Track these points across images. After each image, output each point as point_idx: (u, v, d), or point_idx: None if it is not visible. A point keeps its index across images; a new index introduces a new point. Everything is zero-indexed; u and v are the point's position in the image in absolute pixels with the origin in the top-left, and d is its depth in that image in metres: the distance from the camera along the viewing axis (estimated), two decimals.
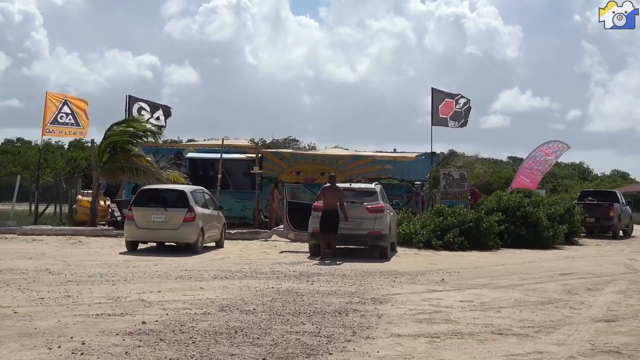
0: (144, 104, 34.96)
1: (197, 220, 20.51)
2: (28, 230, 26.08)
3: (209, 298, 12.05)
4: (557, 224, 26.77)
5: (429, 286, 14.41)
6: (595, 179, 74.05)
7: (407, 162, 33.25)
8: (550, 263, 20.12)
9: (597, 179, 73.88)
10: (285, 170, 31.09)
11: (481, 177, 38.33)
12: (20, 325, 9.35)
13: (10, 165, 53.90)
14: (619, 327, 10.31)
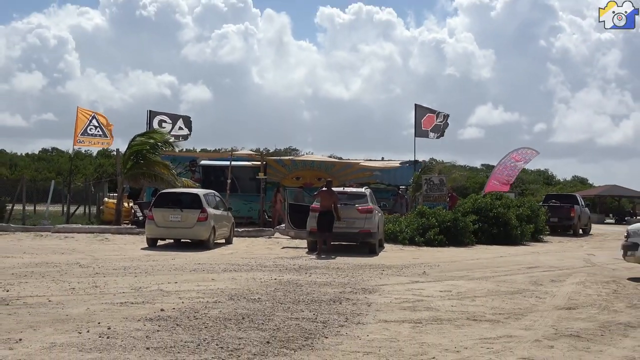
0: (164, 116, 35.04)
1: (209, 220, 20.53)
2: (61, 229, 26.05)
3: (220, 288, 12.05)
4: (525, 224, 26.84)
5: (412, 278, 14.41)
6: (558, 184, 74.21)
7: (393, 169, 33.28)
8: (518, 258, 20.13)
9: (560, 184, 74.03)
10: (286, 176, 31.08)
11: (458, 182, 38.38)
12: (53, 312, 9.35)
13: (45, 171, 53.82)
14: (579, 314, 10.33)
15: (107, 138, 32.45)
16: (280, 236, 24.99)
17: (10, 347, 7.29)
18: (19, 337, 7.76)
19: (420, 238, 23.51)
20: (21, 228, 26.60)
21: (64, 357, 6.92)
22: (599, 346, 8.12)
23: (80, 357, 6.95)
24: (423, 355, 7.40)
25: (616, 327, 9.32)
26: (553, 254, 21.96)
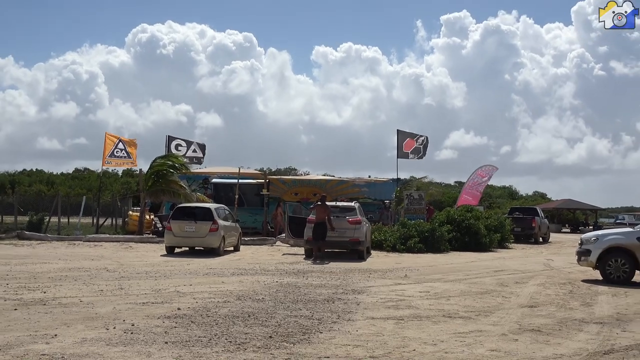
0: (181, 141, 35.12)
1: (219, 230, 20.49)
2: (91, 238, 25.99)
3: (229, 290, 12.01)
4: (492, 233, 26.81)
5: (395, 280, 14.38)
6: (521, 198, 74.34)
7: (379, 185, 33.31)
8: (487, 263, 20.10)
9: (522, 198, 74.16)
10: (286, 192, 31.02)
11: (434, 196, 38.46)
12: (84, 311, 9.33)
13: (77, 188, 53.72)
14: (540, 312, 10.34)
15: (131, 159, 32.47)
16: (281, 244, 24.94)
17: (47, 341, 7.28)
18: (55, 332, 7.75)
19: (402, 246, 23.44)
20: (57, 238, 26.53)
21: (94, 350, 6.90)
22: (557, 339, 8.13)
23: (108, 350, 6.94)
24: (405, 348, 7.40)
25: (572, 323, 9.32)
26: (517, 259, 21.95)
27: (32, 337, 7.48)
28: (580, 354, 7.34)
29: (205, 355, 6.80)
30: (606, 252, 14.69)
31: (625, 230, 16.09)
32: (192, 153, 34.98)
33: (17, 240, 25.34)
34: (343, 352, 7.13)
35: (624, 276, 14.46)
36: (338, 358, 6.86)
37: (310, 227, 19.69)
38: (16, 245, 23.50)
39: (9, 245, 23.47)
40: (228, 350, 7.05)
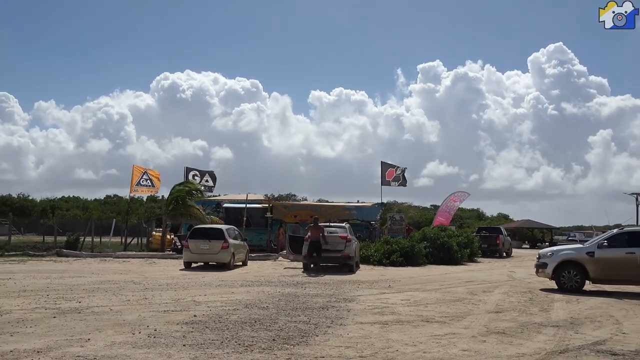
0: (196, 171, 35.11)
1: (230, 248, 20.44)
2: (120, 255, 25.94)
3: (238, 299, 11.95)
4: (463, 248, 26.75)
5: (380, 290, 14.32)
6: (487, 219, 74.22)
7: (366, 209, 33.25)
8: (459, 274, 20.06)
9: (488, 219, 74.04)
10: (287, 214, 31.00)
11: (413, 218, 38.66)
12: (114, 318, 9.27)
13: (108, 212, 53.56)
14: (504, 317, 10.30)
15: (155, 187, 32.52)
16: (282, 260, 24.85)
17: (81, 345, 7.23)
18: (88, 337, 7.70)
19: (386, 260, 23.39)
20: (90, 255, 26.42)
21: (122, 352, 6.85)
22: (519, 340, 8.11)
23: (134, 352, 6.89)
24: (389, 349, 7.36)
25: (532, 326, 9.30)
26: (484, 271, 21.90)
27: (69, 341, 7.44)
28: (539, 353, 7.31)
29: (218, 356, 6.76)
30: (560, 265, 14.71)
31: (576, 246, 16.11)
32: (206, 182, 35.01)
33: (56, 257, 25.28)
34: (336, 352, 7.10)
35: (576, 285, 14.46)
36: (332, 358, 6.83)
37: (307, 244, 19.74)
38: (55, 261, 23.41)
39: (50, 261, 23.38)
40: (237, 352, 7.01)
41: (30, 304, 10.84)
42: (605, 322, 9.86)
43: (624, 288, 14.89)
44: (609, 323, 9.80)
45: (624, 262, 14.15)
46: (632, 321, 10.06)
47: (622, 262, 14.17)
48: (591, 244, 14.94)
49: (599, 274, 14.41)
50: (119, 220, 35.88)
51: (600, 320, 10.11)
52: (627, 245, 14.30)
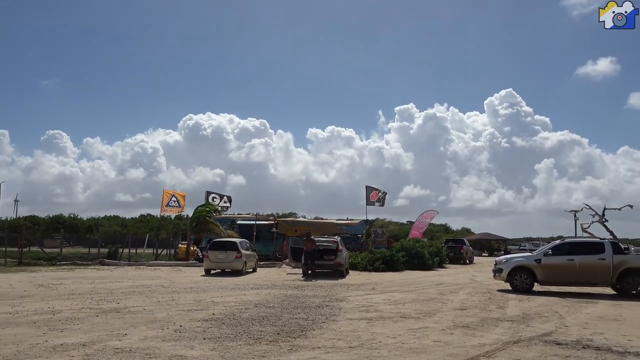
0: (215, 194, 34.98)
1: (242, 257, 20.32)
2: (152, 264, 25.73)
3: (249, 300, 11.86)
4: (434, 257, 26.59)
5: (366, 292, 14.23)
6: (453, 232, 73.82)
7: (354, 225, 33.09)
8: (430, 278, 19.96)
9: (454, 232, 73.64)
10: (289, 229, 30.75)
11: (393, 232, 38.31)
12: (146, 316, 9.18)
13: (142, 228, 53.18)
14: (468, 313, 10.24)
15: (181, 208, 32.41)
16: (285, 267, 24.70)
17: (119, 339, 7.17)
18: (125, 332, 7.63)
19: (370, 267, 23.22)
20: (127, 263, 26.19)
21: (153, 345, 6.79)
22: (481, 332, 8.06)
23: (163, 344, 6.83)
24: (373, 340, 7.31)
25: (491, 321, 9.25)
26: (451, 276, 21.81)
27: (109, 336, 7.36)
28: (497, 343, 7.27)
29: (232, 348, 6.70)
30: (513, 270, 14.69)
31: (526, 255, 16.09)
32: (224, 203, 34.87)
33: (99, 266, 25.06)
34: (330, 344, 7.04)
35: (527, 287, 14.42)
36: (326, 348, 6.77)
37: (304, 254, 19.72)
38: (98, 269, 23.20)
39: (94, 269, 23.17)
40: (248, 344, 6.94)
41: (78, 305, 10.74)
42: (551, 317, 9.82)
43: (566, 289, 14.84)
44: (554, 318, 9.76)
45: (565, 267, 14.15)
46: (573, 316, 10.03)
47: (563, 267, 14.17)
48: (538, 253, 14.94)
49: (545, 277, 14.39)
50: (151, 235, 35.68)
51: (547, 315, 10.07)
52: (568, 254, 14.31)
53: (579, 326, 8.83)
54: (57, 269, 22.76)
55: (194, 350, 6.56)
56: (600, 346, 7.18)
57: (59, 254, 28.50)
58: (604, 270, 13.84)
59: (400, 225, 68.93)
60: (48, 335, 7.42)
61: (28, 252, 30.31)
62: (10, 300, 11.37)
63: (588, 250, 14.24)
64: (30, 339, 7.15)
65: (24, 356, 6.17)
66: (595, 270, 13.90)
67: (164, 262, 27.16)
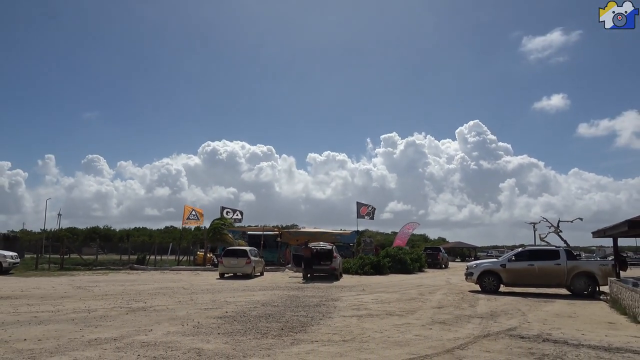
0: (229, 209, 34.82)
1: (251, 263, 20.13)
2: (174, 268, 25.47)
3: (257, 299, 11.73)
4: (415, 262, 26.46)
5: (357, 292, 14.10)
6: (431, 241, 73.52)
7: (346, 235, 32.95)
8: (412, 281, 19.81)
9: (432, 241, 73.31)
10: (291, 239, 30.61)
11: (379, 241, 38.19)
12: (169, 314, 9.06)
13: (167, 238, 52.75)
14: (444, 311, 10.13)
15: (199, 221, 32.23)
16: (288, 271, 24.52)
17: (145, 334, 7.05)
18: (151, 328, 7.51)
19: (361, 271, 23.07)
20: (153, 268, 25.94)
21: (175, 339, 6.68)
22: (455, 328, 7.96)
23: (183, 339, 6.72)
24: (363, 335, 7.21)
25: (464, 317, 9.15)
26: (429, 279, 21.63)
27: (137, 331, 7.25)
28: (469, 337, 7.18)
29: (243, 341, 6.60)
30: (482, 273, 14.59)
31: (493, 260, 15.99)
32: (236, 217, 34.70)
33: (129, 270, 24.80)
34: (326, 338, 6.94)
35: (494, 288, 14.31)
36: (323, 342, 6.67)
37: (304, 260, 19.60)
38: (129, 273, 22.95)
39: (125, 273, 22.92)
40: (256, 338, 6.84)
41: (110, 304, 10.60)
42: (515, 314, 9.73)
43: (527, 290, 14.74)
44: (518, 315, 9.66)
45: (527, 271, 14.07)
46: (534, 313, 9.93)
47: (525, 271, 14.09)
48: (503, 259, 14.87)
49: (509, 280, 14.30)
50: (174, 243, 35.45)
51: (512, 313, 9.97)
52: (528, 259, 14.25)
53: (539, 322, 8.74)
54: (93, 273, 22.52)
55: (210, 343, 6.46)
56: (558, 339, 7.10)
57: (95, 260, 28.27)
58: (560, 273, 13.78)
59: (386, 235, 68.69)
60: (84, 331, 7.31)
61: (68, 258, 30.02)
62: (52, 300, 11.23)
63: (546, 257, 14.19)
64: (69, 334, 7.04)
65: (63, 349, 6.06)
66: (552, 274, 13.84)
67: (184, 267, 26.90)
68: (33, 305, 10.26)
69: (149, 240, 50.53)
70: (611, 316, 9.66)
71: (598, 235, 12.72)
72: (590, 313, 10.14)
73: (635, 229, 9.77)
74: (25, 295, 12.50)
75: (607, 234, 11.91)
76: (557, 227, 27.02)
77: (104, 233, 63.75)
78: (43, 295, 12.35)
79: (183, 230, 40.86)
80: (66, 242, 31.56)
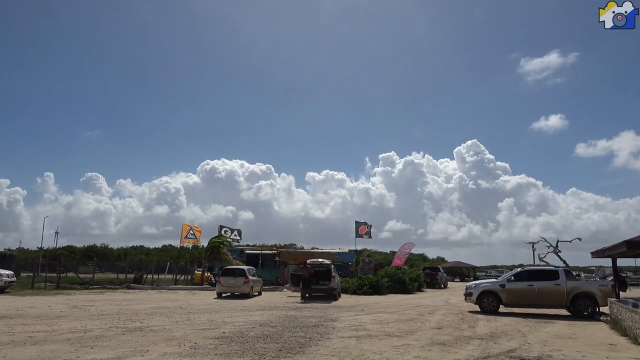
0: (227, 228, 34.68)
1: (249, 282, 20.00)
2: (171, 288, 25.20)
3: (255, 319, 11.58)
4: (413, 282, 26.22)
5: (356, 312, 13.95)
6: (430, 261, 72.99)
7: (345, 254, 32.80)
8: (411, 301, 19.62)
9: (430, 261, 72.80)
10: (290, 258, 30.43)
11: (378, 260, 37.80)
12: (166, 335, 8.94)
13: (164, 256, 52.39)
14: (444, 332, 10.02)
15: (197, 239, 32.08)
16: (286, 291, 24.27)
17: (142, 355, 6.96)
18: (147, 349, 7.41)
19: (359, 291, 22.84)
20: (150, 287, 25.64)
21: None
22: (455, 349, 7.87)
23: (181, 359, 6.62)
24: (362, 356, 7.12)
25: (463, 339, 9.04)
26: (428, 299, 21.43)
27: (133, 352, 7.15)
28: (469, 358, 7.09)
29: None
30: (482, 294, 14.50)
31: (492, 280, 15.91)
32: (234, 236, 34.53)
33: (126, 290, 24.53)
34: (324, 359, 6.85)
35: (493, 308, 14.20)
36: None
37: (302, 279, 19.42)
38: (125, 292, 22.71)
39: (121, 292, 22.68)
40: (253, 358, 6.74)
41: (106, 324, 10.47)
42: (515, 335, 9.63)
43: (527, 310, 14.62)
44: (518, 336, 9.57)
45: (526, 292, 13.98)
46: (535, 334, 9.83)
47: (524, 291, 14.00)
48: (503, 279, 14.79)
49: (509, 300, 14.19)
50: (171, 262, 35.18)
51: (512, 334, 9.87)
52: (528, 280, 14.17)
53: (539, 343, 8.65)
54: (89, 292, 22.27)
55: None
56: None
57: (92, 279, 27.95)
58: (559, 294, 13.69)
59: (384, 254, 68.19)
60: (80, 351, 7.21)
61: (65, 277, 29.73)
62: (48, 320, 11.09)
63: (545, 277, 14.12)
64: (64, 354, 6.94)
65: None
66: (552, 294, 13.74)
67: (182, 286, 26.63)
68: (28, 325, 10.12)
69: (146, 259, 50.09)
70: (612, 337, 9.57)
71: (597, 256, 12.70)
72: (590, 334, 10.04)
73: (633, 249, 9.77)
74: (21, 314, 12.35)
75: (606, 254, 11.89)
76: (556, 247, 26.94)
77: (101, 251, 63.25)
78: (39, 315, 12.20)
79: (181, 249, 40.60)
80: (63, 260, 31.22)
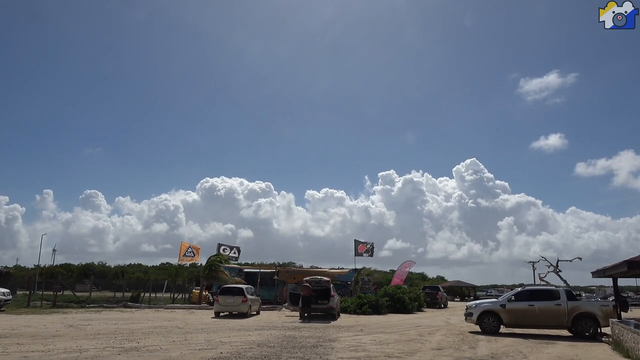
0: (226, 246, 34.50)
1: (248, 302, 19.79)
2: (169, 306, 24.94)
3: (253, 340, 11.42)
4: (413, 301, 25.99)
5: (355, 332, 13.77)
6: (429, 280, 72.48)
7: (344, 273, 32.55)
8: (411, 321, 19.38)
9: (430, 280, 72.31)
10: (289, 277, 30.22)
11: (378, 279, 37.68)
12: (162, 355, 8.81)
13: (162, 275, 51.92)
14: (444, 352, 9.89)
15: (195, 257, 31.87)
16: (285, 310, 24.00)
17: None
18: None
19: (359, 310, 22.64)
20: (147, 306, 25.37)
21: None
22: None
23: None
24: None
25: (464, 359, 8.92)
26: (428, 318, 21.17)
27: None
28: None
29: None
30: (482, 314, 14.33)
31: (493, 300, 15.75)
32: (233, 254, 34.32)
33: (123, 308, 24.26)
34: None
35: (494, 329, 14.02)
36: None
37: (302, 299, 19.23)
38: (122, 311, 22.43)
39: (118, 311, 22.41)
40: None
41: (102, 344, 10.31)
42: (516, 356, 9.49)
43: (528, 330, 14.44)
44: (519, 357, 9.43)
45: (527, 312, 13.83)
46: (536, 356, 9.70)
47: (525, 311, 13.86)
48: (503, 299, 14.65)
49: (510, 320, 14.03)
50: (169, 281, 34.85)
51: (513, 355, 9.73)
52: (529, 299, 14.04)
53: None
54: (86, 311, 21.99)
55: None
56: None
57: (88, 297, 27.68)
58: (560, 314, 13.55)
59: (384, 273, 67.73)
60: None
61: (61, 295, 29.43)
62: (43, 340, 10.92)
63: (546, 297, 13.99)
64: None
65: None
66: (553, 315, 13.60)
67: (179, 305, 26.36)
68: (23, 345, 9.96)
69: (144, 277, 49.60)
70: (614, 359, 9.43)
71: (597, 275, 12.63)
72: (592, 356, 9.90)
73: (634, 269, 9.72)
74: (16, 333, 12.16)
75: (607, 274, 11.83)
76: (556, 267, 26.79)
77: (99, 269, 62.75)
78: (34, 334, 12.01)
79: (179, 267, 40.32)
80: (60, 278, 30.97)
